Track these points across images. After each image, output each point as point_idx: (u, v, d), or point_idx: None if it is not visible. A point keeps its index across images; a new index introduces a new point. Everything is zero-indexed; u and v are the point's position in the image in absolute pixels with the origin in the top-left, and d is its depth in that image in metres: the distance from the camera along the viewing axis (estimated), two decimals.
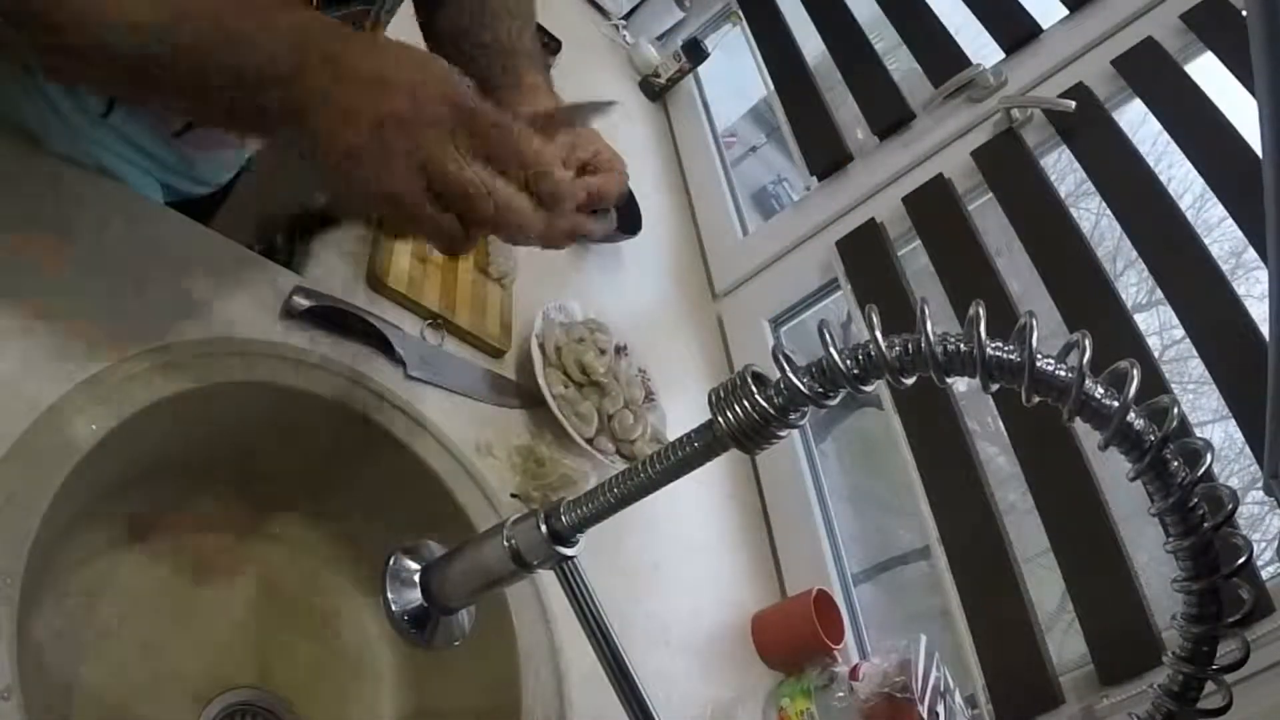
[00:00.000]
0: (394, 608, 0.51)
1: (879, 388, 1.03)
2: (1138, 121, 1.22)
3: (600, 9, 1.90)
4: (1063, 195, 1.19)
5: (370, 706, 0.69)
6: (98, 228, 0.58)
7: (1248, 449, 0.93)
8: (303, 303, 0.68)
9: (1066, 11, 1.32)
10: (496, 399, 0.86)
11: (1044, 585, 1.10)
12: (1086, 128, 1.19)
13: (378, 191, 0.45)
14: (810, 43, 1.65)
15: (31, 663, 0.48)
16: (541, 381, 0.90)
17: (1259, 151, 0.36)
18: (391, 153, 0.44)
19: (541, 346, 0.93)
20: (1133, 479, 0.37)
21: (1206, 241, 1.04)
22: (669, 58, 1.82)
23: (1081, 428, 0.38)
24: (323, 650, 0.69)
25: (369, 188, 0.45)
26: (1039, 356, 0.35)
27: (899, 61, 1.56)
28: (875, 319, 0.39)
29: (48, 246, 0.55)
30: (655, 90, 1.83)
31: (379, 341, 0.74)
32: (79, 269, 0.56)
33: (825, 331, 0.40)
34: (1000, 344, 0.36)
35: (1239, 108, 1.09)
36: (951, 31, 1.42)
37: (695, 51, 1.78)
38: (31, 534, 0.47)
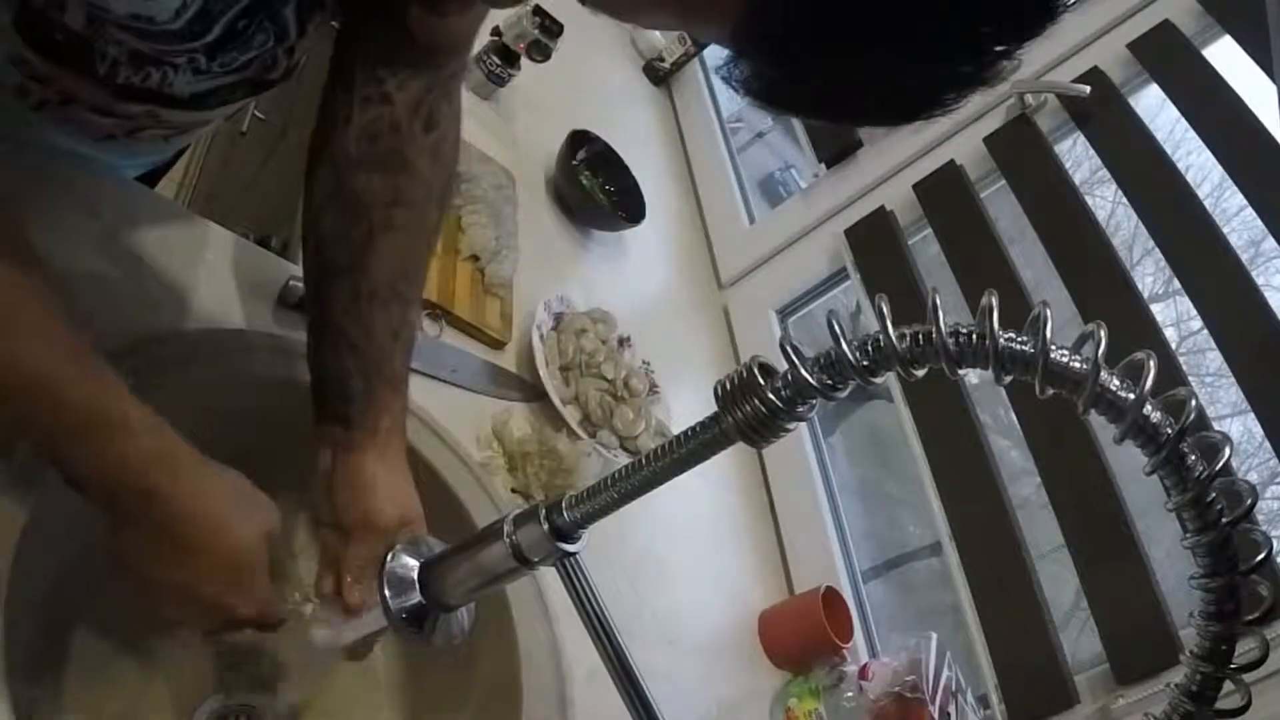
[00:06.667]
0: (392, 606, 0.51)
1: (889, 380, 1.01)
2: (1154, 107, 1.20)
3: None
4: (1077, 182, 1.18)
5: (368, 706, 0.68)
6: (90, 218, 0.57)
7: (1267, 443, 0.92)
8: (299, 292, 0.67)
9: None
10: (497, 391, 0.85)
11: (1058, 582, 1.08)
12: (1102, 113, 1.17)
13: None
14: None
15: (22, 661, 0.47)
16: (543, 374, 0.89)
17: (1279, 138, 0.35)
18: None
19: (543, 338, 0.92)
20: (1149, 473, 0.36)
21: (1225, 230, 1.03)
22: (673, 41, 1.80)
23: (1096, 421, 0.37)
24: None
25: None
26: (1053, 348, 0.35)
27: None
28: (885, 309, 0.38)
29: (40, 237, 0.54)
30: (659, 75, 1.81)
31: None
32: (72, 260, 0.55)
33: (834, 322, 0.39)
34: (1013, 335, 0.36)
35: (1258, 93, 1.07)
36: None
37: None
38: (18, 532, 0.46)
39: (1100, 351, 0.34)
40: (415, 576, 0.52)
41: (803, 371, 0.39)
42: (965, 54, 0.33)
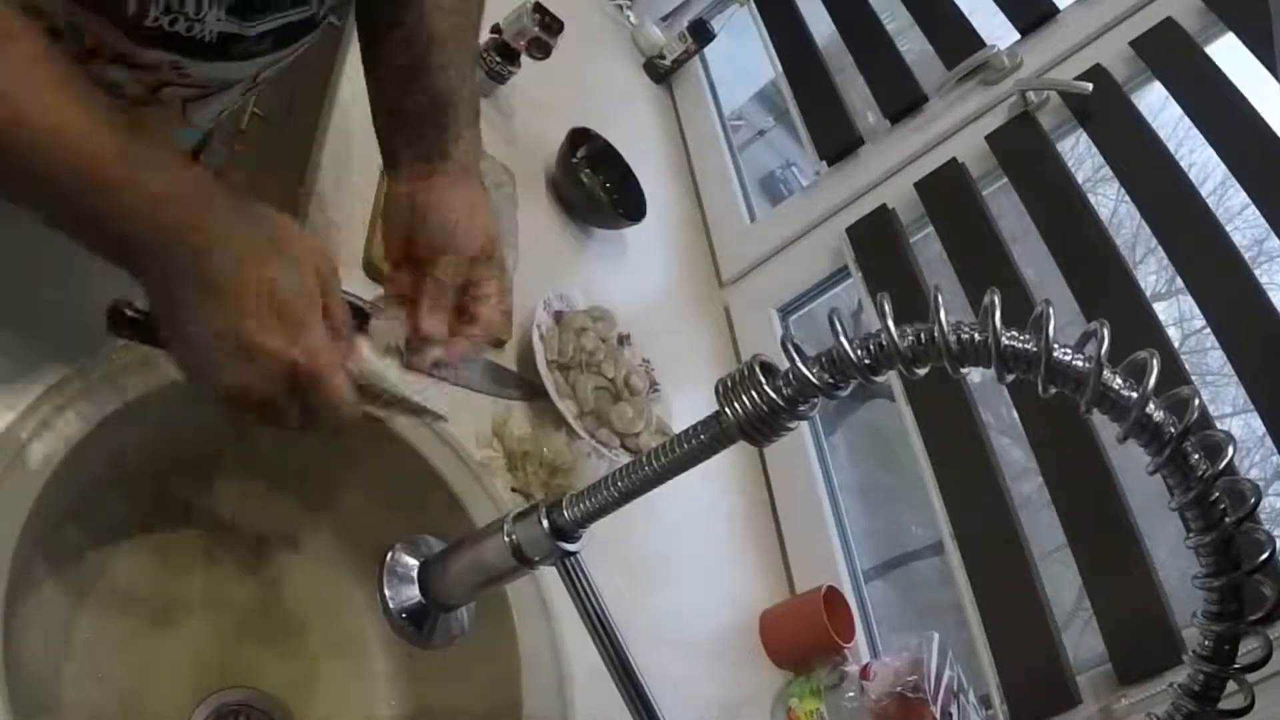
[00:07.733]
0: (391, 605, 0.51)
1: (890, 378, 1.01)
2: (1157, 105, 1.20)
3: None
4: (1080, 180, 1.18)
5: (367, 706, 0.68)
6: None
7: (1269, 440, 0.91)
8: None
9: None
10: (497, 390, 0.85)
11: (1060, 581, 1.08)
12: (1104, 111, 1.17)
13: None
14: (819, 24, 1.62)
15: (19, 663, 0.47)
16: (543, 372, 0.88)
17: None
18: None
19: (543, 336, 0.92)
20: (1152, 473, 0.36)
21: (1228, 229, 1.02)
22: (674, 39, 1.79)
23: (1099, 419, 0.37)
24: (318, 649, 0.68)
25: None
26: (1056, 346, 0.35)
27: (911, 43, 1.54)
28: (887, 307, 0.38)
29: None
30: (660, 72, 1.80)
31: None
32: (71, 259, 0.55)
33: (836, 320, 0.39)
34: (1016, 333, 0.36)
35: (1262, 91, 1.07)
36: (965, 12, 1.40)
37: (701, 32, 1.75)
38: (18, 530, 0.46)
39: (1103, 350, 0.34)
40: (415, 576, 0.52)
41: (804, 370, 0.39)
42: None
